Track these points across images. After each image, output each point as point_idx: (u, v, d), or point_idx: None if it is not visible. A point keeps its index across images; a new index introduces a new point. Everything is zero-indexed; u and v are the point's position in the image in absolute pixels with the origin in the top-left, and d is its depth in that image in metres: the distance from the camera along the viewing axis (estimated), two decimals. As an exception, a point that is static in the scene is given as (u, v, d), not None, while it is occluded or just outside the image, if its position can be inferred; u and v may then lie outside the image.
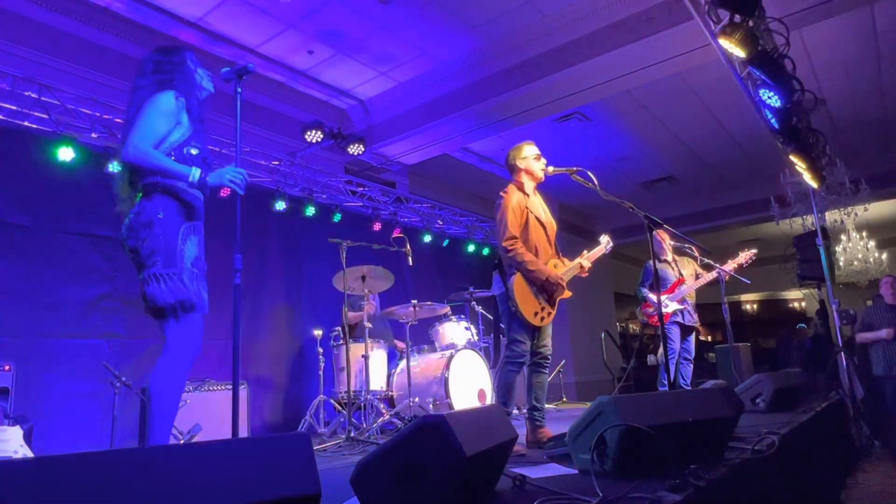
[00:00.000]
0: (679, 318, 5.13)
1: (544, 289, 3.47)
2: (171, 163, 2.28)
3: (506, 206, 3.46)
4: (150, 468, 1.15)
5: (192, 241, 2.38)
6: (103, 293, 4.77)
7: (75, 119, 4.67)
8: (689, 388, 5.06)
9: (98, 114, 4.74)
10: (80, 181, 4.75)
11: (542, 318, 3.46)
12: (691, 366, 5.21)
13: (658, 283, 3.59)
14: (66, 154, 4.50)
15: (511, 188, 3.59)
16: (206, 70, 2.64)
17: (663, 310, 5.03)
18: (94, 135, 4.74)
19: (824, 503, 3.47)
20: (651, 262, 5.36)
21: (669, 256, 5.28)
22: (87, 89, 4.80)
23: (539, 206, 3.66)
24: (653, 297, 5.06)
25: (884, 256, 10.37)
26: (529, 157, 3.64)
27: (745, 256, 5.23)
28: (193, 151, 2.40)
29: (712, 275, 5.22)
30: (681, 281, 5.22)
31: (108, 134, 4.81)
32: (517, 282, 3.40)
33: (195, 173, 2.27)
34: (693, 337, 5.25)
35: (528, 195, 3.59)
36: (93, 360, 4.50)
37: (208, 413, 4.05)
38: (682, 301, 5.16)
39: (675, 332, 5.08)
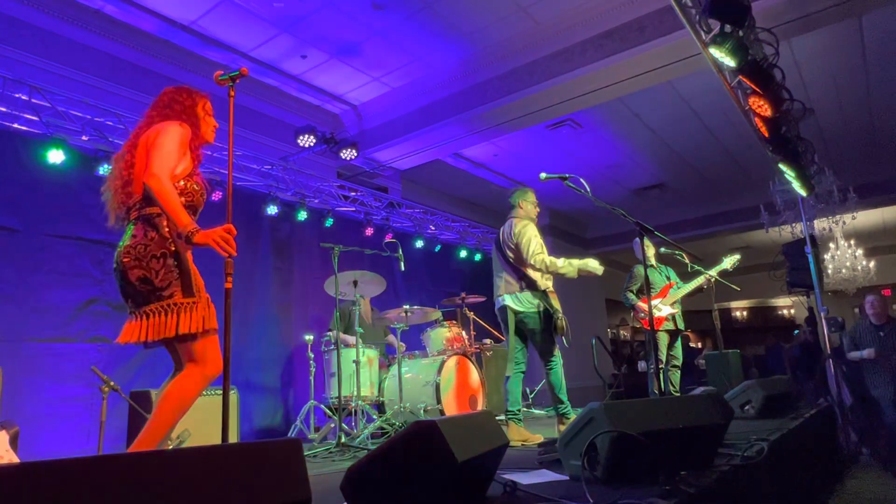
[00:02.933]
0: (670, 324, 5.15)
1: None
2: (177, 207, 2.26)
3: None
4: (139, 474, 1.14)
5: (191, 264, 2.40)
6: (92, 297, 4.73)
7: (66, 121, 4.64)
8: (679, 394, 5.08)
9: (89, 116, 4.71)
10: (70, 184, 4.72)
11: None
12: (679, 371, 5.24)
13: (648, 289, 3.62)
14: (56, 157, 4.47)
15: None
16: (214, 119, 2.67)
17: (657, 314, 5.06)
18: (84, 137, 4.71)
19: (813, 510, 3.49)
20: (637, 265, 5.43)
21: (654, 262, 5.33)
22: (79, 91, 4.77)
23: None
24: (643, 304, 5.09)
25: (871, 264, 10.47)
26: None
27: (729, 262, 5.29)
28: (196, 187, 2.45)
29: (701, 280, 5.26)
30: (670, 285, 5.25)
31: (98, 136, 4.79)
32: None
33: (186, 231, 2.24)
34: (680, 342, 5.29)
35: None
36: (81, 364, 4.47)
37: (197, 418, 4.01)
38: (675, 305, 5.19)
39: (663, 340, 5.11)
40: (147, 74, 5.52)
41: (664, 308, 5.11)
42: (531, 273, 4.06)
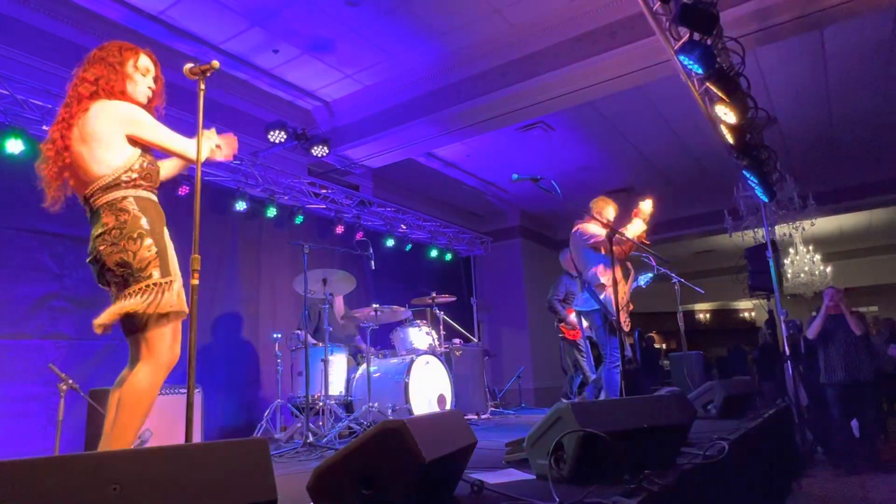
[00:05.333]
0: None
1: None
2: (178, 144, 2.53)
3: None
4: (99, 474, 1.11)
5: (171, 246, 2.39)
6: (51, 292, 4.59)
7: (25, 110, 4.49)
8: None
9: (50, 105, 4.56)
10: (29, 174, 4.50)
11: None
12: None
13: (617, 295, 3.68)
14: (14, 146, 4.33)
15: None
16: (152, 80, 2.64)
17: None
18: (44, 127, 4.55)
19: (770, 507, 3.59)
20: (563, 274, 5.66)
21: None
22: (40, 80, 4.61)
23: None
24: (568, 313, 5.22)
25: (828, 270, 10.85)
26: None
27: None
28: (151, 166, 2.50)
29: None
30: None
31: (60, 127, 4.64)
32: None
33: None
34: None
35: None
36: (38, 361, 4.33)
37: (160, 418, 3.92)
38: None
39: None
40: (112, 64, 5.36)
41: None
42: (585, 276, 4.31)
